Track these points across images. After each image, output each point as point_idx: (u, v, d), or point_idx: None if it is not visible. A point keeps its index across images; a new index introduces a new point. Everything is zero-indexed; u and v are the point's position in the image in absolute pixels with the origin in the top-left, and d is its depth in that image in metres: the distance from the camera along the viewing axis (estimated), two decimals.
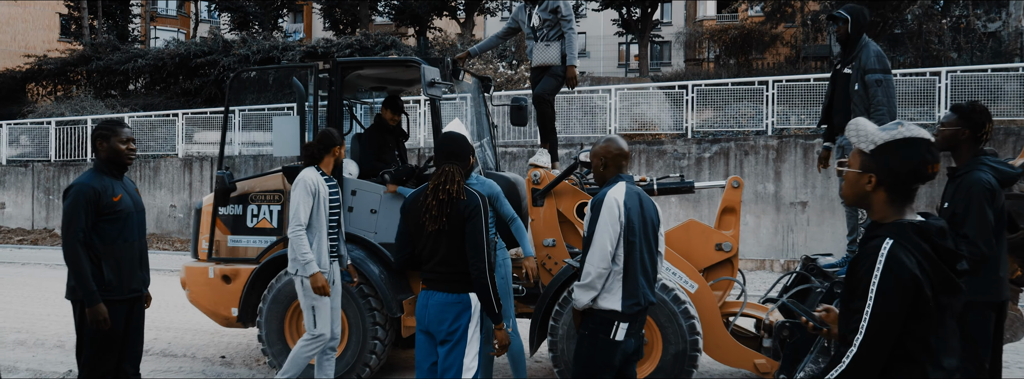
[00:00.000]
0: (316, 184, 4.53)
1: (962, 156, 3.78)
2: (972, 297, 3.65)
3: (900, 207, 2.15)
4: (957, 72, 13.17)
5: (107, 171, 4.01)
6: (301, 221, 4.44)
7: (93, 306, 3.79)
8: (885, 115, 4.98)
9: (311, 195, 4.50)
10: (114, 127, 4.03)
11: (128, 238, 4.01)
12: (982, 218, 3.52)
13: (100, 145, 4.01)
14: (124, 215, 4.00)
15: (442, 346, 3.53)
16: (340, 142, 4.70)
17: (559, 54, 5.58)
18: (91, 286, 3.80)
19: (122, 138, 4.00)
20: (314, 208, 4.51)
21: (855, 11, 5.07)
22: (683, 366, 4.70)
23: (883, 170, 2.14)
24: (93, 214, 3.88)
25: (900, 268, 1.98)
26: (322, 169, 4.66)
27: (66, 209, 3.88)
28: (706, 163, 13.44)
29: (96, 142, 4.03)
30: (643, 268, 3.50)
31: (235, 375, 5.78)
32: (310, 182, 4.50)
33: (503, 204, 4.70)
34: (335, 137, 4.69)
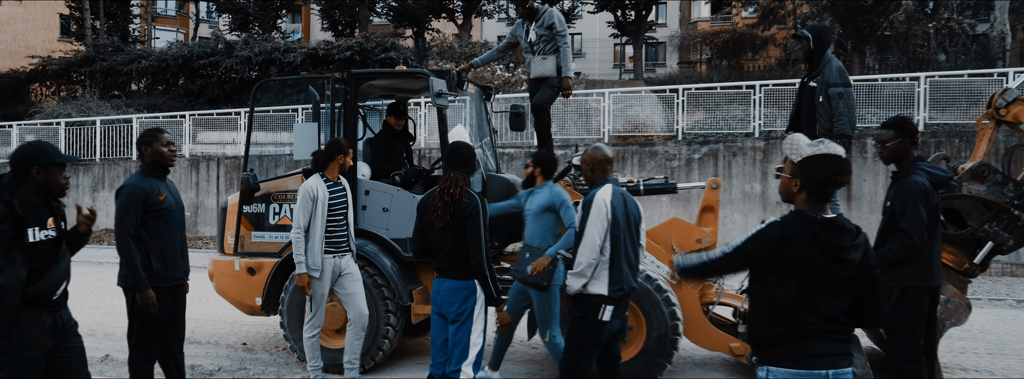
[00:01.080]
0: (315, 190, 5.07)
1: (903, 162, 4.33)
2: (908, 283, 4.25)
3: (815, 206, 2.70)
4: (935, 77, 13.74)
5: (152, 173, 4.56)
6: (299, 225, 5.03)
7: (143, 292, 4.33)
8: (846, 124, 5.53)
9: (310, 201, 5.05)
10: (156, 133, 4.58)
11: (171, 232, 4.56)
12: (916, 215, 4.08)
13: (145, 150, 4.56)
14: (168, 212, 4.55)
15: (452, 325, 4.08)
16: (345, 151, 5.20)
17: (555, 66, 6.12)
18: (141, 274, 4.34)
19: (163, 142, 4.55)
20: (312, 213, 5.05)
21: (817, 30, 5.62)
22: (665, 348, 5.25)
23: (805, 177, 2.70)
24: (141, 211, 4.42)
25: (767, 233, 2.69)
26: (327, 175, 5.20)
27: (119, 207, 4.42)
28: (696, 164, 14.01)
29: (141, 148, 4.58)
30: (627, 258, 4.05)
31: (257, 359, 6.31)
32: (310, 189, 5.06)
33: (568, 210, 4.92)
34: (341, 146, 5.20)
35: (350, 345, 5.31)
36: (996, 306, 9.35)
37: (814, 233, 2.64)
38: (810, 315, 2.64)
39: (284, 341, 6.96)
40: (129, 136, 18.57)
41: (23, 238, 3.36)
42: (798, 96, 5.80)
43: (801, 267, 2.63)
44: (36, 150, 3.49)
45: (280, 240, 6.07)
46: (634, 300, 5.11)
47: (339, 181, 5.24)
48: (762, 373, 2.70)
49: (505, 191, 6.18)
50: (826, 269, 2.63)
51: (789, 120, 5.96)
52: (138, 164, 4.62)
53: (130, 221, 4.38)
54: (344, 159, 5.18)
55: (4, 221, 3.30)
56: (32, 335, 3.37)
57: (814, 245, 2.63)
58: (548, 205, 4.94)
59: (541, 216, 4.97)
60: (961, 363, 6.31)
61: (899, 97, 14.00)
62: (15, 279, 3.30)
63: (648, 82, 24.38)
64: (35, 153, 3.48)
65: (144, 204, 4.44)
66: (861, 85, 14.34)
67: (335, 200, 5.14)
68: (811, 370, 2.63)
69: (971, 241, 5.44)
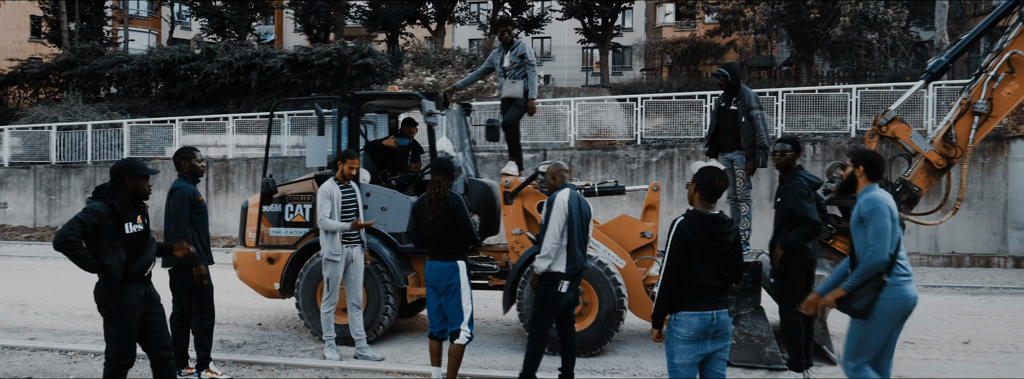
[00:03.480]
0: (331, 191, 6.25)
1: (790, 169, 5.67)
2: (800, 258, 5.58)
3: (705, 205, 3.97)
4: (866, 88, 15.28)
5: (190, 180, 5.73)
6: (324, 213, 6.18)
7: (198, 266, 5.51)
8: (764, 138, 6.86)
9: (328, 199, 6.22)
10: (192, 150, 5.82)
11: (205, 225, 5.76)
12: (808, 207, 5.46)
13: (183, 164, 5.76)
14: (205, 210, 5.78)
15: (443, 296, 5.30)
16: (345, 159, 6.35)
17: (523, 90, 7.35)
18: (200, 254, 5.51)
19: (198, 158, 5.79)
20: (331, 209, 6.22)
21: (731, 67, 6.95)
22: (613, 320, 6.51)
23: (698, 183, 3.97)
24: (189, 208, 5.59)
25: (678, 230, 3.88)
26: (339, 179, 6.36)
27: (175, 203, 5.58)
28: (653, 166, 15.37)
29: (181, 161, 5.78)
30: (579, 244, 5.31)
31: (274, 335, 7.45)
32: (327, 190, 6.25)
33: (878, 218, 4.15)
34: (346, 155, 6.35)
35: (353, 322, 6.48)
36: None
37: (705, 225, 3.90)
38: (703, 276, 3.89)
39: (293, 321, 8.13)
40: (119, 140, 19.38)
41: (122, 231, 4.49)
42: (716, 118, 7.12)
43: (699, 247, 3.89)
44: (129, 165, 4.60)
45: (295, 234, 7.22)
46: (588, 280, 6.38)
47: (350, 184, 6.40)
48: (672, 319, 3.95)
49: (483, 194, 7.42)
50: (713, 247, 3.90)
51: (708, 139, 7.27)
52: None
53: (185, 213, 5.55)
54: (342, 166, 6.32)
55: (108, 218, 4.42)
56: (132, 302, 4.50)
57: (705, 233, 3.89)
58: (858, 217, 4.27)
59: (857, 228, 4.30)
60: None
61: (835, 106, 15.51)
62: (118, 260, 4.43)
63: (613, 88, 25.74)
64: (129, 167, 4.59)
65: (192, 202, 5.61)
66: (805, 95, 15.84)
67: (347, 200, 6.31)
68: (703, 312, 3.88)
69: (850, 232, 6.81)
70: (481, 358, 6.58)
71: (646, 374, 6.02)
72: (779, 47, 31.61)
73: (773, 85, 23.39)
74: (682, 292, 3.92)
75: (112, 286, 4.44)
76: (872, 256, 4.07)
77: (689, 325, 3.88)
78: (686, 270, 3.89)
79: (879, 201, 4.17)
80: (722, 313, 3.93)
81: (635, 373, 6.07)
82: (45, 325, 7.93)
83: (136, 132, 19.60)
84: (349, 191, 6.39)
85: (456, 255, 5.34)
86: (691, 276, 3.89)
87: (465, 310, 5.25)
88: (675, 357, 3.93)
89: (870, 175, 4.37)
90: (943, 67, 7.05)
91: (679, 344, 3.91)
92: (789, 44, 23.79)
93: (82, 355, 6.59)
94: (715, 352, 3.94)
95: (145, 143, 19.69)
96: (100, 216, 4.34)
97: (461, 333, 5.24)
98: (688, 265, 3.88)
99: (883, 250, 4.07)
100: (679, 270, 3.89)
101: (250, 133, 19.27)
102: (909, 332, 7.72)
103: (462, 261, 5.35)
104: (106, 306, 4.45)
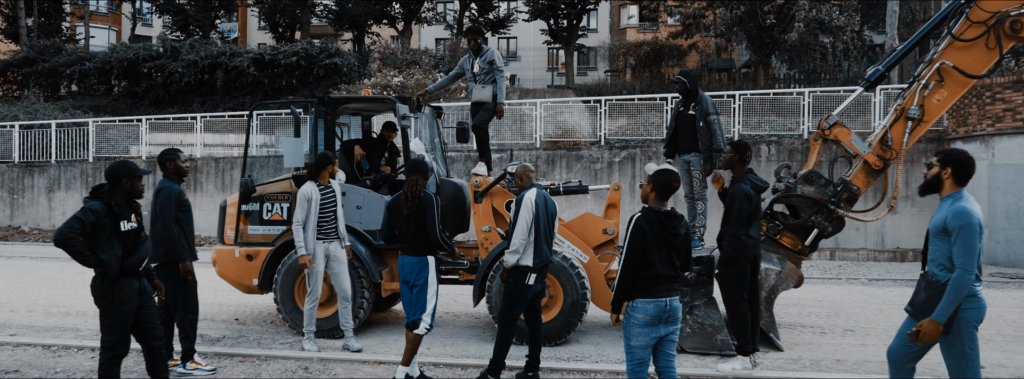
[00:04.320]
0: (309, 193, 6.57)
1: (737, 172, 6.17)
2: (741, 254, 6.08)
3: (659, 203, 4.41)
4: (817, 92, 16.00)
5: (175, 180, 6.01)
6: (298, 220, 6.52)
7: (184, 262, 5.80)
8: (721, 141, 7.35)
9: (307, 202, 6.55)
10: (176, 152, 6.10)
11: (190, 223, 6.04)
12: (740, 211, 5.92)
13: (169, 165, 6.04)
14: (189, 208, 6.05)
15: (414, 289, 5.67)
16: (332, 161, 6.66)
17: (492, 94, 7.74)
18: (185, 249, 5.80)
19: (182, 159, 6.08)
20: (307, 210, 6.54)
21: (689, 75, 7.43)
22: (577, 311, 6.94)
23: (653, 184, 4.40)
24: (175, 207, 5.87)
25: (636, 225, 4.30)
26: (319, 181, 6.68)
27: (161, 202, 5.85)
28: (616, 166, 15.89)
29: (166, 163, 6.06)
30: (546, 240, 5.73)
31: (251, 330, 7.73)
32: (306, 193, 6.57)
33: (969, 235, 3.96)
34: (329, 158, 6.68)
35: (341, 314, 6.81)
36: (851, 283, 11.49)
37: (660, 220, 4.34)
38: (658, 266, 4.33)
39: (269, 315, 8.41)
40: (84, 139, 19.27)
41: (117, 228, 4.77)
42: (675, 121, 7.60)
43: (654, 240, 4.32)
44: (125, 167, 4.87)
45: (273, 232, 7.51)
46: (554, 274, 6.81)
47: (330, 185, 6.72)
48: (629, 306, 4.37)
49: (454, 193, 7.80)
50: (666, 240, 4.34)
51: (667, 141, 7.76)
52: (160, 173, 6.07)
53: (171, 211, 5.83)
54: (332, 168, 6.66)
55: (106, 216, 4.70)
56: (127, 294, 4.78)
57: (660, 227, 4.33)
58: (942, 225, 4.05)
59: (940, 236, 4.09)
60: (802, 321, 8.25)
61: (789, 108, 16.21)
62: (115, 256, 4.71)
63: (578, 89, 26.25)
64: (125, 169, 4.86)
65: (177, 201, 5.89)
66: (761, 99, 16.51)
67: (325, 200, 6.63)
68: (657, 299, 4.32)
69: (804, 229, 7.35)
70: (452, 348, 6.96)
71: (607, 361, 6.46)
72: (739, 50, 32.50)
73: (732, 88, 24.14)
74: (639, 281, 4.35)
75: (108, 280, 4.72)
76: (963, 276, 3.90)
77: (645, 311, 4.32)
78: (643, 261, 4.32)
79: (972, 215, 3.93)
80: (674, 300, 4.37)
81: (597, 360, 6.50)
82: (23, 322, 8.09)
83: (100, 131, 19.50)
84: (328, 192, 6.71)
85: (427, 251, 5.71)
86: (647, 266, 4.33)
87: (429, 302, 5.62)
88: (632, 340, 4.37)
89: (958, 179, 4.09)
90: (880, 75, 7.61)
91: (636, 328, 4.35)
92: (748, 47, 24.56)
93: (65, 349, 6.81)
94: (667, 335, 4.39)
95: (109, 142, 19.61)
96: (98, 214, 4.62)
97: (421, 323, 5.59)
98: (645, 256, 4.32)
99: (972, 269, 3.91)
100: (637, 261, 4.32)
101: (217, 132, 19.33)
102: (851, 321, 8.33)
103: (432, 256, 5.72)
104: (103, 299, 4.72)
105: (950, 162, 4.11)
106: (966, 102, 14.18)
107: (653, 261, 4.32)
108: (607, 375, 6.04)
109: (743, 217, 6.00)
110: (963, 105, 14.33)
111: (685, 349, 6.75)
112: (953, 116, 14.79)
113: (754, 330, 6.38)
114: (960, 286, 3.91)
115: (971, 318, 4.00)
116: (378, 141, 8.31)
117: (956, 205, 4.03)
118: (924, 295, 4.13)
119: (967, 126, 14.17)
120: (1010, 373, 6.18)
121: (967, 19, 7.21)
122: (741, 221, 5.99)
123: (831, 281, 11.75)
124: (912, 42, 7.74)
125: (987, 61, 7.24)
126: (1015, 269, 12.91)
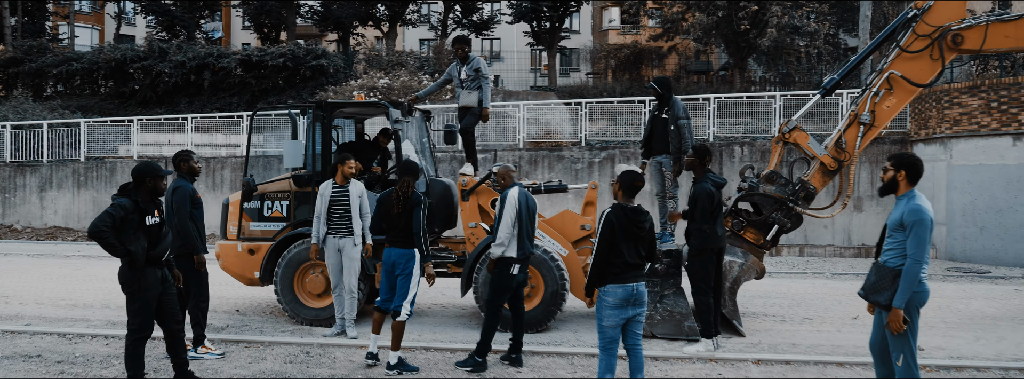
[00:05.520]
0: (322, 190, 7.12)
1: (698, 173, 6.81)
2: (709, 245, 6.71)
3: (627, 199, 5.02)
4: (788, 95, 16.75)
5: (189, 179, 6.53)
6: (318, 213, 7.04)
7: (199, 255, 6.33)
8: (689, 142, 7.98)
9: (319, 197, 7.11)
10: (189, 154, 6.62)
11: (202, 219, 6.56)
12: (703, 208, 6.55)
13: (183, 165, 6.55)
14: (201, 205, 6.57)
15: (399, 278, 6.21)
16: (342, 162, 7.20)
17: (478, 99, 8.31)
18: (200, 243, 6.34)
19: (195, 160, 6.59)
20: (322, 206, 7.09)
21: (663, 81, 8.05)
22: (557, 301, 7.54)
23: (620, 184, 5.01)
24: (190, 204, 6.40)
25: (607, 219, 4.89)
26: (335, 180, 7.20)
27: (177, 200, 6.37)
28: (596, 166, 16.52)
29: (180, 163, 6.57)
30: (528, 234, 6.32)
31: (252, 319, 8.25)
32: (320, 189, 7.10)
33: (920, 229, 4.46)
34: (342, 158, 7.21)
35: (337, 305, 7.34)
36: (816, 277, 12.19)
37: (627, 215, 4.95)
38: (626, 255, 4.93)
39: (268, 307, 8.93)
40: (73, 138, 19.58)
41: (143, 222, 5.29)
42: (650, 124, 8.23)
43: (623, 232, 4.92)
44: (149, 168, 5.38)
45: (273, 228, 8.04)
46: (535, 266, 7.40)
47: (345, 184, 7.21)
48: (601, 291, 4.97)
49: (442, 192, 8.37)
50: (633, 232, 4.94)
51: (643, 142, 8.38)
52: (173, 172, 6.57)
53: (186, 208, 6.36)
54: (344, 169, 7.17)
55: (133, 212, 5.22)
56: (151, 282, 5.30)
57: (627, 221, 4.94)
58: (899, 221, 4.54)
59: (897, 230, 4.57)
60: (765, 311, 8.91)
61: (762, 111, 16.93)
62: (141, 247, 5.24)
63: (560, 91, 26.88)
64: (149, 169, 5.37)
65: (192, 199, 6.42)
66: (735, 101, 17.22)
67: (337, 198, 7.14)
68: (626, 284, 4.93)
69: (765, 225, 7.99)
70: (441, 334, 7.54)
71: (584, 346, 7.06)
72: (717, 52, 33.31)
73: (709, 90, 24.90)
74: (609, 268, 4.95)
75: (135, 269, 5.24)
76: (913, 266, 4.40)
77: (615, 295, 4.92)
78: (613, 250, 4.92)
79: (925, 212, 4.41)
80: (640, 285, 4.98)
81: (574, 345, 7.10)
82: (34, 313, 8.55)
83: (90, 131, 19.82)
84: (341, 190, 7.20)
85: (413, 244, 6.26)
86: (617, 255, 4.93)
87: (410, 290, 6.17)
88: (604, 320, 4.97)
89: (911, 179, 4.56)
90: (834, 84, 8.28)
91: (607, 310, 4.95)
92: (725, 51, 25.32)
93: (79, 337, 7.29)
94: (635, 316, 5.00)
95: (98, 142, 19.93)
96: (126, 210, 5.14)
97: (401, 310, 6.15)
98: (614, 247, 4.92)
99: (923, 260, 4.40)
100: (607, 251, 4.93)
101: (205, 132, 19.72)
102: (810, 311, 9.00)
103: (418, 249, 6.28)
104: (130, 286, 5.24)
105: (903, 165, 4.63)
106: (927, 106, 14.97)
107: (622, 251, 4.92)
108: (583, 357, 6.64)
109: (706, 213, 6.63)
110: (924, 109, 15.12)
111: (655, 335, 7.37)
112: (915, 120, 15.58)
113: (716, 316, 7.01)
114: (913, 274, 4.42)
115: (915, 301, 4.50)
116: (371, 143, 8.85)
117: (911, 203, 4.53)
118: (874, 278, 4.66)
119: (928, 129, 14.95)
120: (947, 354, 6.85)
121: (914, 32, 7.91)
122: (705, 216, 6.62)
123: (797, 275, 12.44)
124: (865, 53, 8.42)
125: (932, 71, 7.95)
126: (970, 264, 13.70)
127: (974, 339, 7.53)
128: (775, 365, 6.40)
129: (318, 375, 5.98)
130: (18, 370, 6.09)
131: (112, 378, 5.88)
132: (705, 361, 6.51)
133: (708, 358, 6.57)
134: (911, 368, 4.51)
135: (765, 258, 14.65)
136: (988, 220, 13.81)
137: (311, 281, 7.79)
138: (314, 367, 6.22)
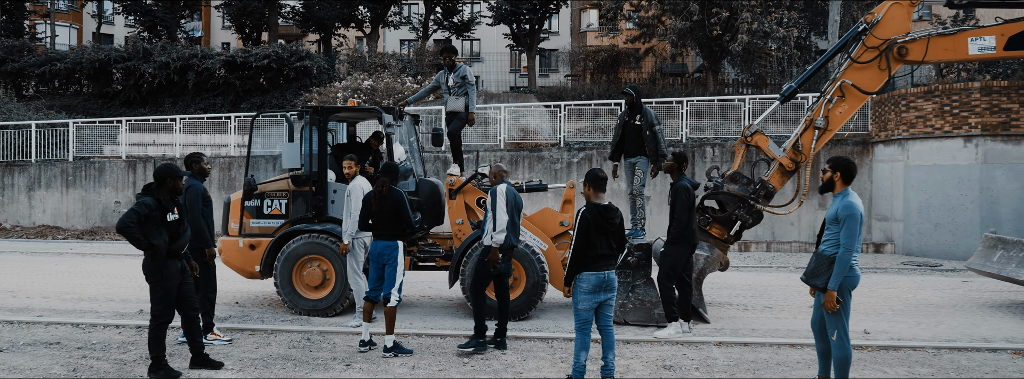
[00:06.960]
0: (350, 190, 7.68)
1: (675, 176, 7.51)
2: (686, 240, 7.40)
3: (598, 197, 5.67)
4: (757, 98, 17.55)
5: (200, 179, 7.10)
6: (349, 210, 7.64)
7: (209, 248, 6.89)
8: (664, 146, 8.67)
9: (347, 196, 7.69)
10: (199, 156, 7.18)
11: (211, 216, 7.12)
12: (684, 201, 7.26)
13: (194, 166, 7.11)
14: (211, 202, 7.13)
15: (386, 267, 6.81)
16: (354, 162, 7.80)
17: (464, 105, 8.94)
18: (211, 237, 6.90)
19: (204, 162, 7.16)
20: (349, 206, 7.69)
21: (637, 89, 8.74)
22: (537, 291, 8.18)
23: (588, 183, 5.66)
24: (201, 201, 6.96)
25: (583, 216, 5.53)
26: None
27: (190, 198, 6.92)
28: (575, 166, 17.19)
29: (192, 164, 7.13)
30: (515, 227, 6.96)
31: (252, 311, 8.80)
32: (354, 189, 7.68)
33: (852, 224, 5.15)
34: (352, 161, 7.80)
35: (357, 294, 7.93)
36: (780, 271, 12.97)
37: (600, 212, 5.60)
38: (599, 247, 5.58)
39: (266, 299, 9.48)
40: (62, 139, 19.87)
41: (164, 219, 5.85)
42: (621, 130, 8.90)
43: (596, 227, 5.57)
44: (169, 169, 5.94)
45: (273, 225, 8.59)
46: (518, 259, 8.03)
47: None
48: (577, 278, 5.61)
49: (431, 191, 8.98)
50: (605, 227, 5.60)
51: (612, 147, 9.06)
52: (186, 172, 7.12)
53: (198, 205, 6.92)
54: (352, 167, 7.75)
55: (155, 209, 5.78)
56: (172, 273, 5.87)
57: (600, 217, 5.59)
58: (835, 215, 5.21)
59: (833, 224, 5.25)
60: (730, 301, 9.63)
61: (733, 113, 17.71)
62: (163, 241, 5.80)
63: (539, 93, 27.52)
64: (169, 170, 5.93)
65: (203, 197, 6.98)
66: (707, 104, 17.99)
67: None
68: (599, 272, 5.58)
69: (729, 221, 8.70)
70: (431, 323, 8.16)
71: (562, 331, 7.71)
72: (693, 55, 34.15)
73: (684, 92, 25.69)
74: (585, 259, 5.60)
75: (158, 261, 5.80)
76: (845, 254, 5.08)
77: (589, 281, 5.58)
78: (588, 243, 5.57)
79: (856, 208, 5.10)
80: (611, 272, 5.64)
81: (554, 331, 7.75)
82: (43, 306, 9.03)
83: (76, 131, 20.12)
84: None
85: (396, 237, 6.85)
86: (591, 247, 5.58)
87: (397, 278, 6.78)
88: (579, 304, 5.62)
89: (845, 179, 5.28)
90: (792, 91, 9.01)
91: (581, 295, 5.60)
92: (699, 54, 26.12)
93: (92, 327, 7.81)
94: (606, 300, 5.65)
95: (84, 142, 20.23)
96: (149, 207, 5.70)
97: (391, 297, 6.77)
98: (589, 240, 5.57)
99: (854, 248, 5.09)
100: (583, 243, 5.57)
101: (190, 133, 20.09)
102: (771, 300, 9.73)
103: (401, 241, 6.87)
104: (153, 276, 5.80)
105: (839, 167, 5.32)
106: (886, 109, 15.84)
107: (595, 243, 5.58)
108: (562, 341, 7.29)
109: (689, 205, 7.34)
110: (884, 112, 15.99)
111: (627, 322, 8.04)
112: (876, 122, 16.44)
113: (688, 301, 7.68)
114: (845, 261, 5.11)
115: (846, 284, 5.21)
116: (362, 145, 9.43)
117: (845, 200, 5.21)
118: (813, 265, 5.37)
119: (887, 131, 15.81)
120: (889, 338, 7.59)
121: (863, 45, 8.66)
122: (685, 208, 7.34)
123: (764, 269, 13.21)
124: (820, 63, 9.16)
125: (880, 80, 8.71)
126: (925, 258, 14.57)
127: (915, 324, 8.30)
128: (734, 347, 7.10)
129: (322, 357, 6.57)
130: (43, 355, 6.61)
131: (132, 360, 6.43)
132: (672, 344, 7.19)
133: (675, 342, 7.25)
134: (844, 342, 5.22)
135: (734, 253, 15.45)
136: (941, 217, 14.69)
137: (309, 274, 8.36)
138: (317, 351, 6.81)
